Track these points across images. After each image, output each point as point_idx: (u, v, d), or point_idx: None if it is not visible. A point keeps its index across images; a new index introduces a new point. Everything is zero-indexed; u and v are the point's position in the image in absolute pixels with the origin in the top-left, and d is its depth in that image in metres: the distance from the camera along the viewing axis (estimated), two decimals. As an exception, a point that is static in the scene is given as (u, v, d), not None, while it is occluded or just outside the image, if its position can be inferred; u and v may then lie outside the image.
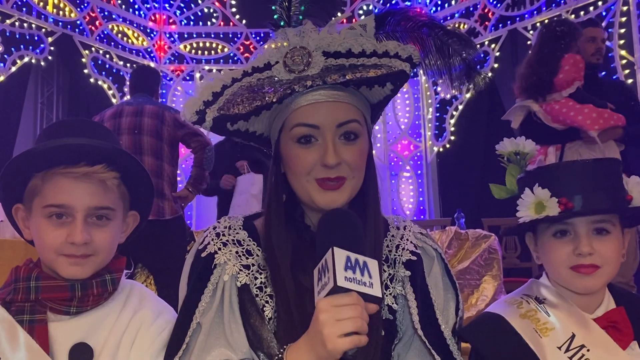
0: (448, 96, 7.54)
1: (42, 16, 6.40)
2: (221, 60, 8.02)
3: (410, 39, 1.28)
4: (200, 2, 8.06)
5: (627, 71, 5.62)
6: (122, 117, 3.89)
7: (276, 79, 1.19)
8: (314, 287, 1.06)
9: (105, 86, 6.94)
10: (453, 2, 7.61)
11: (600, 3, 5.92)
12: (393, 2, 8.17)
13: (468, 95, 7.26)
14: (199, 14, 8.08)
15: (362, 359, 1.11)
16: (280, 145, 1.25)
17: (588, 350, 1.29)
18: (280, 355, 1.10)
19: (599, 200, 1.32)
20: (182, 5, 8.07)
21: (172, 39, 8.02)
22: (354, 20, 8.10)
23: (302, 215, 1.28)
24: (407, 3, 8.16)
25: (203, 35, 8.04)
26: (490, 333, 1.39)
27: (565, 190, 1.33)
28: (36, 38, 6.28)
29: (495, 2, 7.06)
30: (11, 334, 1.15)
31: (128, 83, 5.24)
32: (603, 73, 5.79)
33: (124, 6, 7.46)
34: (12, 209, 1.27)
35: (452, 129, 7.44)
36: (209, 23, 8.05)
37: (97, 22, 7.05)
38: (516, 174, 1.45)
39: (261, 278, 1.22)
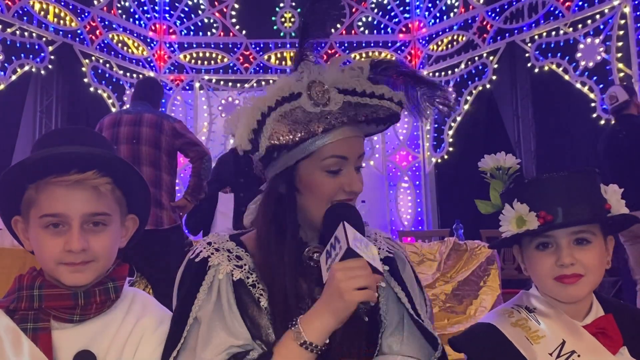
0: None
1: (43, 25, 6.42)
2: (221, 70, 8.05)
3: (390, 83, 1.40)
4: (200, 12, 8.10)
5: (624, 84, 5.65)
6: (121, 126, 3.88)
7: (305, 109, 1.27)
8: (322, 268, 1.19)
9: (105, 95, 6.96)
10: (452, 15, 7.66)
11: (598, 16, 5.97)
12: (392, 14, 8.21)
13: (466, 107, 7.30)
14: (199, 24, 8.12)
15: (366, 309, 1.17)
16: (299, 170, 1.31)
17: (579, 356, 1.32)
18: (294, 322, 1.19)
19: (577, 211, 1.36)
20: (182, 15, 8.11)
21: (172, 48, 8.05)
22: (353, 31, 8.16)
23: (296, 230, 1.35)
24: (406, 15, 8.21)
25: (203, 46, 8.07)
26: (482, 342, 1.42)
27: (544, 203, 1.37)
28: (37, 47, 6.30)
29: (493, 15, 7.11)
30: (15, 342, 1.15)
31: (130, 93, 5.24)
32: (601, 86, 5.84)
33: (124, 16, 7.49)
34: (11, 221, 1.27)
35: (451, 140, 7.47)
36: (208, 33, 8.09)
37: (97, 32, 7.08)
38: (499, 189, 1.49)
39: (253, 277, 1.30)
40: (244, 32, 8.08)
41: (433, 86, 1.41)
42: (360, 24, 8.18)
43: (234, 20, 8.08)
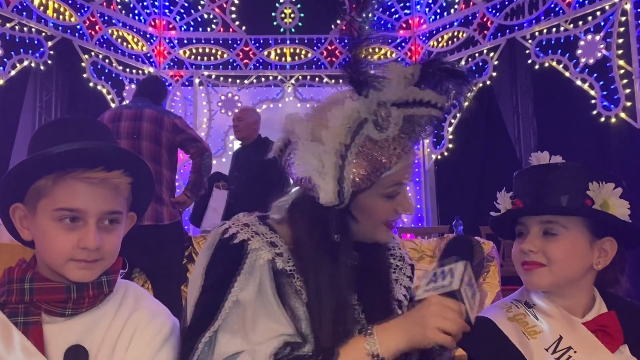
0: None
1: (42, 20, 6.41)
2: (220, 66, 8.04)
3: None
4: (200, 8, 8.08)
5: (625, 81, 5.66)
6: (121, 121, 3.87)
7: (372, 138, 1.21)
8: (422, 281, 1.19)
9: (104, 91, 6.95)
10: (452, 11, 7.64)
11: (598, 13, 5.96)
12: (392, 10, 8.20)
13: (466, 104, 7.26)
14: (199, 19, 8.10)
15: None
16: (360, 196, 1.26)
17: (575, 352, 1.32)
18: (369, 331, 1.18)
19: (544, 202, 1.40)
20: (182, 11, 8.09)
21: (172, 44, 8.03)
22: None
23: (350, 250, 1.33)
24: (407, 12, 8.19)
25: (202, 41, 8.05)
26: (477, 336, 1.42)
27: (522, 192, 1.46)
28: (36, 42, 6.28)
29: (494, 11, 7.09)
30: (6, 335, 1.13)
31: (130, 88, 5.23)
32: (601, 83, 5.83)
33: (124, 11, 7.47)
34: (9, 207, 1.23)
35: (450, 136, 7.46)
36: (208, 29, 8.07)
37: (97, 27, 7.06)
38: None
39: (290, 266, 1.27)
40: (243, 28, 8.06)
41: (466, 79, 1.35)
42: (360, 20, 8.14)
43: (233, 16, 8.07)
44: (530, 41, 6.58)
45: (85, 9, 6.94)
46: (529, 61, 6.59)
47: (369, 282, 1.34)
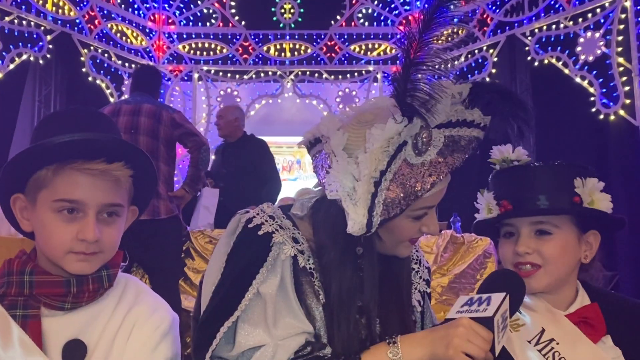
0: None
1: (41, 14, 6.39)
2: (220, 61, 8.02)
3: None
4: (199, 2, 8.06)
5: (624, 78, 5.65)
6: (120, 116, 3.88)
7: (408, 163, 1.17)
8: (457, 301, 1.20)
9: (103, 85, 6.93)
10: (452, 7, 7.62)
11: (598, 10, 5.94)
12: (392, 5, 8.18)
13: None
14: (198, 14, 8.07)
15: None
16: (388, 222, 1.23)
17: (557, 343, 1.35)
18: (394, 340, 1.19)
19: (535, 202, 1.40)
20: (181, 5, 8.06)
21: (171, 39, 8.01)
22: (352, 23, 8.12)
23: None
24: (407, 8, 8.17)
25: (202, 36, 8.04)
26: None
27: (509, 192, 1.45)
28: (35, 36, 6.26)
29: (494, 8, 7.08)
30: (4, 328, 1.13)
31: (129, 82, 5.23)
32: (600, 80, 5.83)
33: (123, 5, 7.45)
34: (10, 198, 1.23)
35: (450, 133, 7.45)
36: (208, 24, 8.05)
37: (96, 21, 7.04)
38: None
39: (310, 264, 1.27)
40: (243, 23, 8.04)
41: (522, 107, 1.30)
42: (360, 15, 8.15)
43: (233, 10, 8.05)
44: (529, 38, 6.57)
45: (85, 3, 6.92)
46: (529, 58, 6.57)
47: (389, 290, 1.34)
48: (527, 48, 6.59)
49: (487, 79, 7.02)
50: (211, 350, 1.20)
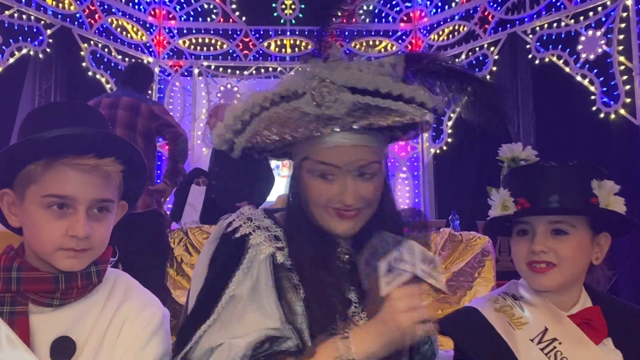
0: (446, 98, 7.52)
1: (42, 8, 6.37)
2: (220, 57, 8.00)
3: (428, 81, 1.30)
4: (200, -2, 8.05)
5: (625, 77, 5.63)
6: (99, 109, 3.86)
7: (303, 110, 1.20)
8: (380, 278, 1.14)
9: (103, 80, 6.92)
10: (453, 5, 7.61)
11: (600, 9, 5.93)
12: (393, 2, 8.16)
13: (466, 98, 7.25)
14: (199, 9, 8.05)
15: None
16: (300, 171, 1.28)
17: (560, 343, 1.35)
18: (347, 334, 1.15)
19: (555, 201, 1.39)
20: (182, 0, 8.04)
21: (172, 34, 7.99)
22: (353, 19, 8.08)
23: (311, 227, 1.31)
24: (408, 4, 8.15)
25: (202, 31, 8.01)
26: (464, 325, 1.46)
27: (527, 191, 1.43)
28: (35, 30, 6.25)
29: (495, 5, 7.06)
30: None
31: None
32: (601, 79, 5.81)
33: (123, 0, 7.44)
34: None
35: (450, 131, 7.44)
36: (208, 19, 8.03)
37: (96, 16, 7.03)
38: None
39: (289, 260, 1.26)
40: (243, 18, 8.02)
41: (483, 85, 1.29)
42: (361, 12, 8.12)
43: (234, 6, 8.02)
44: (531, 36, 6.55)
45: (85, -3, 6.91)
46: (530, 56, 6.56)
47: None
48: (528, 46, 6.57)
49: (488, 77, 7.01)
50: (183, 353, 1.19)
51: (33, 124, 1.20)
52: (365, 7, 8.08)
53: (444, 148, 7.53)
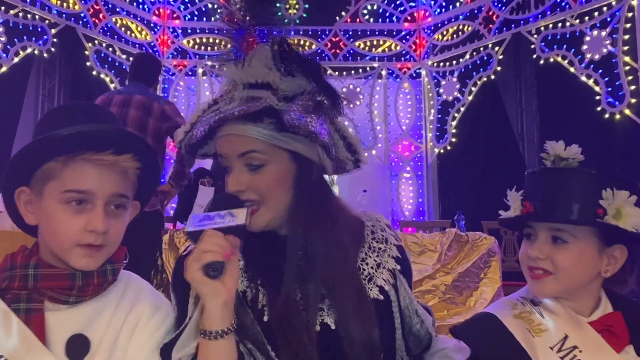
0: (450, 98, 7.53)
1: (46, 7, 6.38)
2: (224, 57, 7.99)
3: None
4: (204, -3, 8.06)
5: (630, 77, 5.62)
6: (111, 107, 3.79)
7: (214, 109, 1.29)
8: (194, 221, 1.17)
9: (107, 79, 6.93)
10: (457, 4, 7.60)
11: (605, 9, 5.92)
12: (397, 2, 8.15)
13: (470, 98, 7.26)
14: (203, 9, 8.06)
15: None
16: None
17: (580, 351, 1.32)
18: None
19: (555, 209, 1.37)
20: (186, 0, 8.05)
21: (176, 33, 8.00)
22: (357, 19, 8.10)
23: None
24: (412, 4, 8.15)
25: (206, 31, 8.02)
26: (482, 332, 1.43)
27: (534, 195, 1.42)
28: (39, 29, 6.26)
29: (499, 5, 7.05)
30: (5, 322, 1.12)
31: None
32: (606, 79, 5.80)
33: (127, 0, 7.45)
34: (14, 191, 1.21)
35: (454, 130, 7.44)
36: (212, 19, 8.04)
37: (100, 15, 7.04)
38: None
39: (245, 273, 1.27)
40: (247, 18, 8.02)
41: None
42: (365, 12, 8.13)
43: (238, 5, 8.02)
44: (535, 36, 6.54)
45: (89, -3, 6.92)
46: (534, 56, 6.55)
47: (333, 277, 1.27)
48: (532, 46, 6.57)
49: (492, 77, 7.01)
50: None
51: (49, 123, 1.21)
52: (369, 7, 8.10)
53: (448, 148, 7.53)
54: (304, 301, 1.23)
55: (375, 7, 8.13)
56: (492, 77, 7.03)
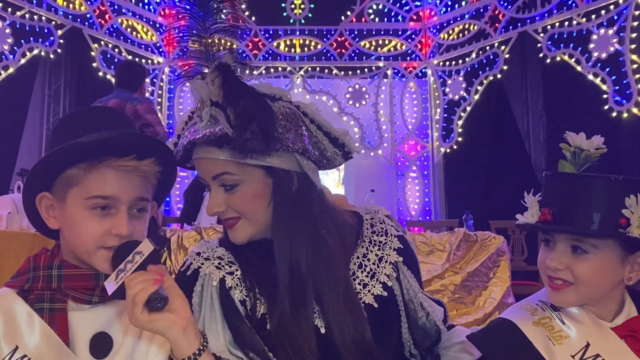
0: (456, 97, 7.52)
1: (52, 9, 6.40)
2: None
3: None
4: (209, -2, 8.04)
5: (637, 76, 5.61)
6: None
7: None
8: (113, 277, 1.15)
9: (113, 80, 6.93)
10: (463, 3, 7.59)
11: (612, 7, 5.90)
12: (403, 1, 8.15)
13: (476, 97, 7.25)
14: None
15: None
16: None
17: (603, 359, 1.26)
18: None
19: (574, 218, 1.28)
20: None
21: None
22: (363, 19, 8.10)
23: None
24: (417, 3, 8.14)
25: (212, 31, 8.01)
26: (501, 341, 1.36)
27: (553, 201, 1.33)
28: (46, 30, 6.28)
29: (505, 4, 7.04)
30: (29, 323, 1.14)
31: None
32: (613, 77, 5.78)
33: (133, 0, 7.45)
34: (36, 197, 1.23)
35: (460, 130, 7.43)
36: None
37: (106, 16, 7.05)
38: (569, 169, 1.38)
39: (244, 284, 1.29)
40: (253, 18, 8.02)
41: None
42: (370, 11, 8.12)
43: (243, 6, 8.00)
44: (542, 35, 6.53)
45: (95, -2, 6.93)
46: (541, 55, 6.54)
47: (325, 277, 1.29)
48: (539, 45, 6.55)
49: (499, 77, 6.99)
50: None
51: (68, 129, 1.23)
52: (374, 7, 8.09)
53: (454, 147, 7.52)
54: (299, 308, 1.24)
55: (380, 6, 8.12)
56: (498, 76, 7.02)
